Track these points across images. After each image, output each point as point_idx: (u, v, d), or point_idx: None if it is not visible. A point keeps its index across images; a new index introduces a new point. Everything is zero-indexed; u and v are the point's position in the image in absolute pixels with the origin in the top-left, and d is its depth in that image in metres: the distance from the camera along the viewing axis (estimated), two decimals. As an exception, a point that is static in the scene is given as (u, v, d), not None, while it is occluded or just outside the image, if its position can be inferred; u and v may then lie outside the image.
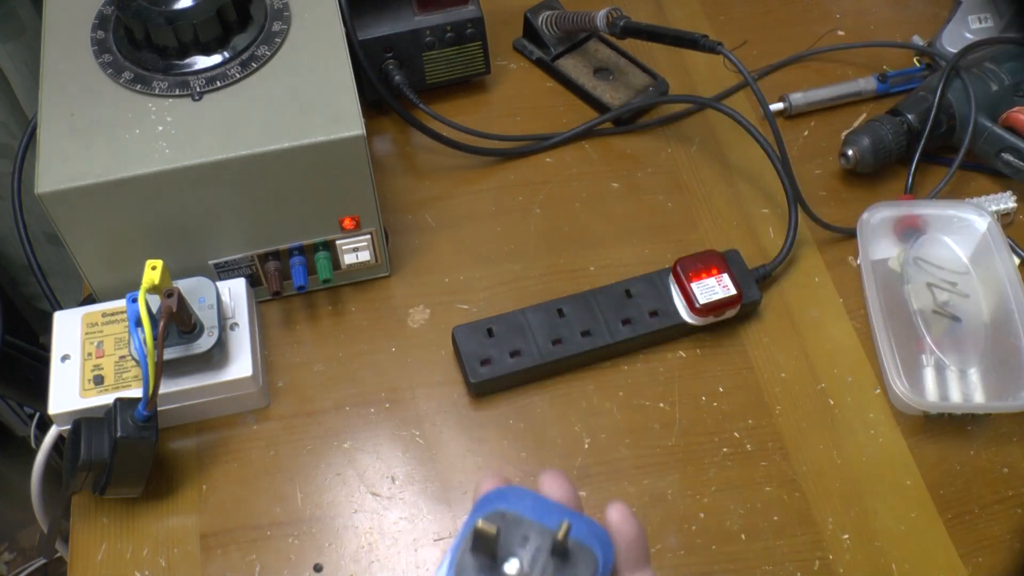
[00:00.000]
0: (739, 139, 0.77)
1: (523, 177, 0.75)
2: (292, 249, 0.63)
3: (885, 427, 0.63)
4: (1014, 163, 0.73)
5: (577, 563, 0.35)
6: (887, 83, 0.81)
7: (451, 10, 0.74)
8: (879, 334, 0.64)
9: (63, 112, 0.57)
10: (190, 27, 0.58)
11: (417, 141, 0.76)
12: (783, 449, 0.62)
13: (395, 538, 0.58)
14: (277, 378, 0.64)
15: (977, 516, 0.60)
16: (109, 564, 0.57)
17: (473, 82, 0.80)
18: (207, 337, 0.57)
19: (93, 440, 0.54)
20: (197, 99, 0.58)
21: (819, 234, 0.72)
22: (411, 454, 0.62)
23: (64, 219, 0.56)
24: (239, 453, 0.61)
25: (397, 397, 0.64)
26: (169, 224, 0.58)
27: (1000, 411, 0.63)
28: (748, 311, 0.68)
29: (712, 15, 0.87)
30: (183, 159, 0.55)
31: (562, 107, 0.79)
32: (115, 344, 0.59)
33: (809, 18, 0.87)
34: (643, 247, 0.71)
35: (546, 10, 0.81)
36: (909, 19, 0.87)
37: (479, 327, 0.64)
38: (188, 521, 0.59)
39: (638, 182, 0.75)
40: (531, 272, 0.70)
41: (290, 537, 0.58)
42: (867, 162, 0.73)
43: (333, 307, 0.68)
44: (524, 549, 0.35)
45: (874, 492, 0.61)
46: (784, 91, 0.80)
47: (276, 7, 0.62)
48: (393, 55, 0.73)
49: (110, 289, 0.61)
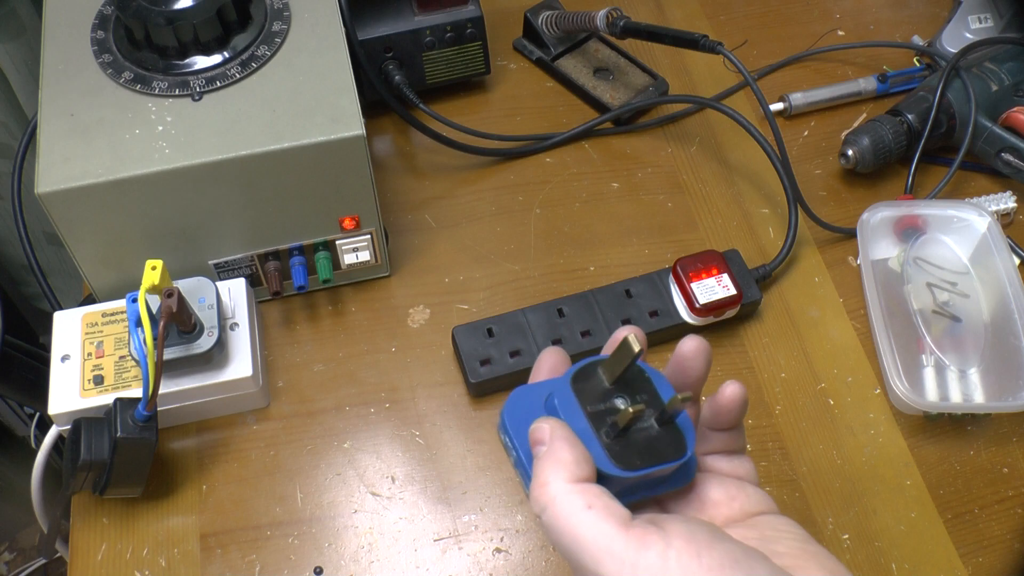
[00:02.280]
0: (739, 139, 0.77)
1: (523, 177, 0.75)
2: (292, 249, 0.63)
3: (885, 427, 0.63)
4: (1014, 163, 0.73)
5: (667, 442, 0.36)
6: (887, 83, 0.81)
7: (451, 10, 0.74)
8: (879, 334, 0.64)
9: (63, 112, 0.57)
10: (190, 27, 0.58)
11: (417, 141, 0.76)
12: (783, 449, 0.62)
13: (395, 538, 0.58)
14: (277, 378, 0.64)
15: (977, 516, 0.60)
16: (109, 564, 0.57)
17: (473, 82, 0.80)
18: (207, 337, 0.57)
19: (93, 440, 0.54)
20: (197, 99, 0.58)
21: (819, 234, 0.72)
22: (411, 454, 0.62)
23: (64, 219, 0.56)
24: (239, 453, 0.61)
25: (397, 397, 0.64)
26: (169, 224, 0.58)
27: (1000, 411, 0.63)
28: (748, 311, 0.68)
29: (712, 15, 0.87)
30: (183, 159, 0.55)
31: (562, 107, 0.79)
32: (115, 344, 0.59)
33: (809, 18, 0.87)
34: (643, 247, 0.71)
35: (546, 10, 0.81)
36: (909, 19, 0.87)
37: (479, 327, 0.64)
38: (188, 521, 0.59)
39: (638, 182, 0.75)
40: (531, 272, 0.70)
41: (290, 537, 0.58)
42: (867, 162, 0.73)
43: (333, 307, 0.68)
44: (634, 399, 0.37)
45: (874, 492, 0.61)
46: (784, 91, 0.80)
47: (276, 7, 0.62)
48: (393, 55, 0.73)
49: (110, 289, 0.61)
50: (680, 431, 0.37)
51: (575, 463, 0.34)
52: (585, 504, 0.33)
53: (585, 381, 0.37)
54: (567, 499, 0.33)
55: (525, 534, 0.59)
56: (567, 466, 0.33)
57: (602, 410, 0.36)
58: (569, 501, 0.33)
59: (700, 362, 0.39)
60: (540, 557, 0.58)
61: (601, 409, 0.36)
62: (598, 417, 0.36)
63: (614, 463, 0.35)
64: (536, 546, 0.58)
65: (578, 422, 0.36)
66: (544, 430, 0.35)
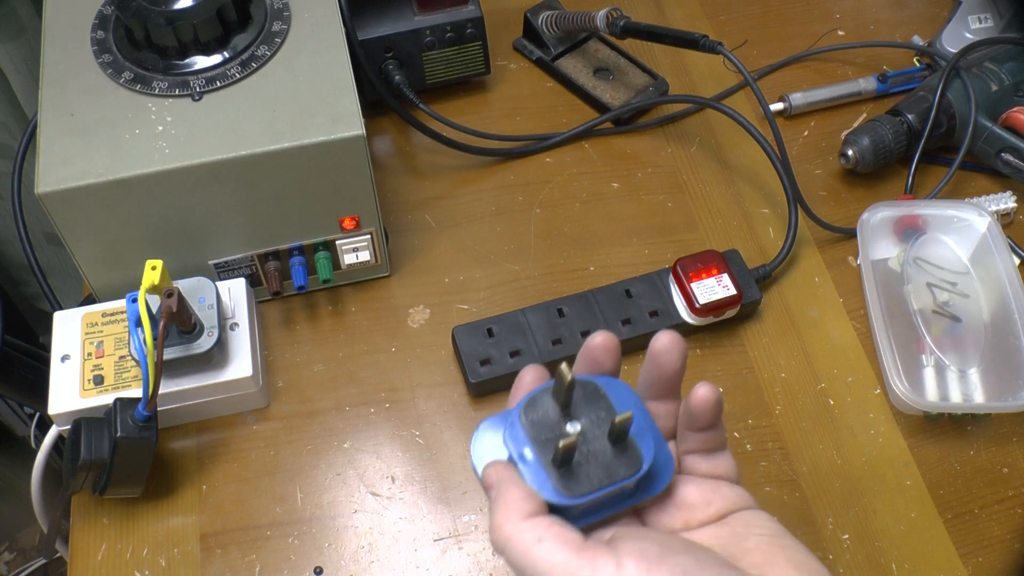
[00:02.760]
0: (739, 139, 0.77)
1: (523, 177, 0.75)
2: (292, 249, 0.63)
3: (885, 427, 0.63)
4: (1014, 163, 0.73)
5: (622, 458, 0.37)
6: (887, 83, 0.81)
7: (451, 10, 0.74)
8: (879, 334, 0.64)
9: (63, 112, 0.57)
10: (190, 27, 0.58)
11: (417, 141, 0.76)
12: (783, 449, 0.62)
13: (395, 538, 0.58)
14: (277, 378, 0.64)
15: (977, 516, 0.60)
16: (109, 564, 0.57)
17: (473, 82, 0.80)
18: (207, 337, 0.57)
19: (93, 440, 0.54)
20: (197, 99, 0.58)
21: (819, 234, 0.72)
22: (411, 454, 0.62)
23: (64, 219, 0.56)
24: (239, 453, 0.61)
25: (397, 397, 0.64)
26: (169, 224, 0.58)
27: (1000, 411, 0.63)
28: (748, 311, 0.68)
29: (712, 15, 0.87)
30: (183, 159, 0.55)
31: (562, 107, 0.79)
32: (115, 344, 0.59)
33: (809, 18, 0.87)
34: (643, 247, 0.71)
35: (546, 10, 0.81)
36: (909, 19, 0.87)
37: (479, 327, 0.64)
38: (188, 521, 0.59)
39: (638, 182, 0.75)
40: (531, 272, 0.70)
41: (290, 537, 0.58)
42: (867, 162, 0.73)
43: (333, 307, 0.68)
44: (588, 420, 0.37)
45: (874, 492, 0.61)
46: (784, 91, 0.80)
47: (276, 7, 0.62)
48: (393, 55, 0.73)
49: (110, 289, 0.61)
50: (635, 446, 0.37)
51: (523, 500, 0.35)
52: (536, 538, 0.34)
53: (536, 410, 0.37)
54: (519, 537, 0.34)
55: (525, 534, 0.59)
56: (515, 504, 0.35)
57: (551, 438, 0.37)
58: (521, 539, 0.34)
59: (673, 356, 0.39)
60: (540, 557, 0.58)
61: (550, 437, 0.37)
62: (546, 445, 0.36)
63: (560, 491, 0.35)
64: (536, 546, 0.58)
65: (530, 453, 0.36)
66: (491, 475, 0.37)
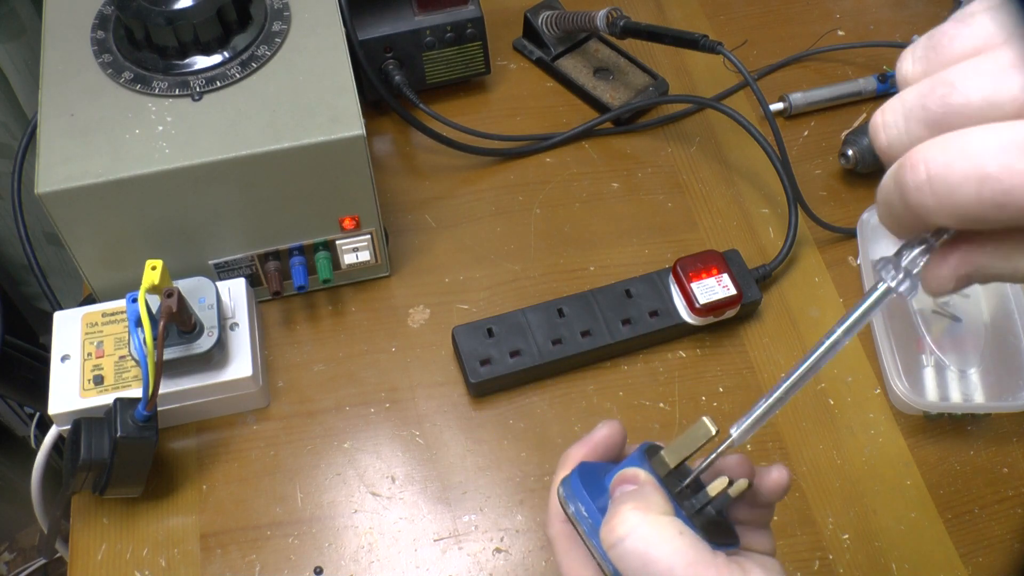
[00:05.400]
0: (739, 139, 0.77)
1: (523, 177, 0.75)
2: (292, 249, 0.63)
3: (885, 427, 0.63)
4: (1014, 163, 0.73)
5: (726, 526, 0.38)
6: (887, 83, 0.81)
7: (451, 10, 0.74)
8: (879, 334, 0.64)
9: (63, 112, 0.57)
10: (190, 27, 0.58)
11: (417, 141, 0.76)
12: (783, 449, 0.62)
13: (395, 538, 0.58)
14: (277, 378, 0.64)
15: (977, 516, 0.60)
16: (109, 564, 0.57)
17: (473, 82, 0.80)
18: (207, 337, 0.57)
19: (93, 440, 0.54)
20: (197, 99, 0.58)
21: (819, 234, 0.72)
22: (411, 454, 0.62)
23: (64, 219, 0.56)
24: (239, 453, 0.61)
25: (397, 397, 0.64)
26: (169, 224, 0.58)
27: (1000, 411, 0.63)
28: (748, 311, 0.68)
29: (712, 15, 0.87)
30: (183, 159, 0.55)
31: (562, 107, 0.79)
32: (115, 344, 0.59)
33: (809, 18, 0.87)
34: (643, 247, 0.71)
35: (546, 10, 0.81)
36: (909, 19, 0.87)
37: (479, 327, 0.64)
38: (188, 521, 0.59)
39: (638, 182, 0.75)
40: (531, 272, 0.70)
41: (290, 537, 0.58)
42: (867, 162, 0.73)
43: (333, 307, 0.68)
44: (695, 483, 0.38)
45: (874, 492, 0.61)
46: (784, 91, 0.80)
47: (276, 7, 0.62)
48: (393, 55, 0.73)
49: (110, 289, 0.61)
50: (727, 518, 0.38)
51: (664, 502, 0.35)
52: (677, 531, 0.34)
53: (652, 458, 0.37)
54: (657, 525, 0.34)
55: (525, 534, 0.59)
56: (656, 503, 0.35)
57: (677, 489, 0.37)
58: (660, 527, 0.34)
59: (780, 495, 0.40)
60: (540, 557, 0.58)
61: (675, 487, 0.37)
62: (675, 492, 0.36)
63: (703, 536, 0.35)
64: (536, 546, 0.58)
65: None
66: (638, 474, 0.36)
